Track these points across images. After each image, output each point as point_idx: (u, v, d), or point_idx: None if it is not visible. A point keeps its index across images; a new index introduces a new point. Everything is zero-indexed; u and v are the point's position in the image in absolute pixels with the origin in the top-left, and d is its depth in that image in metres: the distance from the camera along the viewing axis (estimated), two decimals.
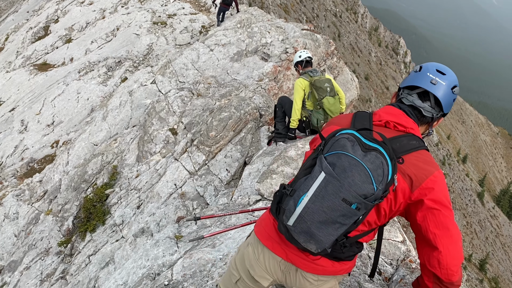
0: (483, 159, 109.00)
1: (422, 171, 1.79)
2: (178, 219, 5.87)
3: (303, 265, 1.90)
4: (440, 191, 1.79)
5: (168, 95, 10.05)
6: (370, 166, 1.64)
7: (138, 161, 8.85)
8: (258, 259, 2.00)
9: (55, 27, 20.29)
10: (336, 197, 1.63)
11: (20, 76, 16.49)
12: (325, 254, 1.83)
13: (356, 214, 1.64)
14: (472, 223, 70.88)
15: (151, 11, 18.34)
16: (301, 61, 6.25)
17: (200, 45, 12.11)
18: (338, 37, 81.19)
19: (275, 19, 13.53)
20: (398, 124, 1.91)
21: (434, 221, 1.78)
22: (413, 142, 1.86)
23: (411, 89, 2.03)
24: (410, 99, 2.01)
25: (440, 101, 1.97)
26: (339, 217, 1.64)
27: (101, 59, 15.40)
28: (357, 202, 1.61)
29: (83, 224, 7.88)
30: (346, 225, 1.66)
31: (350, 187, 1.61)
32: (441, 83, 1.96)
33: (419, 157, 1.83)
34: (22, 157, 11.81)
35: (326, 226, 1.66)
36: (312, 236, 1.69)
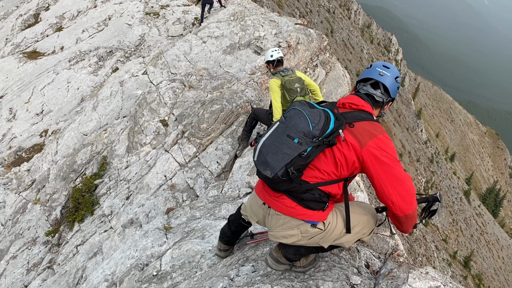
0: (471, 158, 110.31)
1: (368, 134, 2.34)
2: (168, 210, 5.86)
3: (272, 204, 2.47)
4: (385, 148, 2.31)
5: (160, 86, 9.98)
6: (308, 113, 2.32)
7: (128, 152, 8.79)
8: (251, 205, 2.76)
9: (46, 15, 19.99)
10: (283, 134, 2.28)
11: (9, 64, 16.24)
12: (287, 193, 2.38)
13: (298, 148, 2.22)
14: (458, 220, 71.82)
15: (143, 1, 18.16)
16: (272, 60, 6.33)
17: (192, 36, 12.03)
18: (331, 33, 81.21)
19: (268, 13, 13.48)
20: (352, 104, 2.52)
21: (382, 172, 2.26)
22: (363, 115, 2.45)
23: (365, 81, 2.68)
24: (365, 89, 2.64)
25: (388, 88, 2.63)
26: (285, 148, 2.24)
27: (92, 48, 15.23)
28: (298, 137, 2.24)
29: (71, 214, 7.83)
30: (291, 155, 2.22)
31: (292, 127, 2.28)
32: (387, 74, 2.62)
33: (368, 124, 2.39)
34: (10, 146, 11.66)
35: (276, 156, 2.25)
36: (267, 164, 2.27)
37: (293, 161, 2.22)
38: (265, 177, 2.35)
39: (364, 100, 2.55)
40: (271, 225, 2.52)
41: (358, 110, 2.49)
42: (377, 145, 2.30)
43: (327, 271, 2.70)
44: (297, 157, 2.22)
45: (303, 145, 2.22)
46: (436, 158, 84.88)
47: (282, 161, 2.22)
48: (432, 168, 79.60)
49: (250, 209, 2.78)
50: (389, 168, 2.26)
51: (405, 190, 2.26)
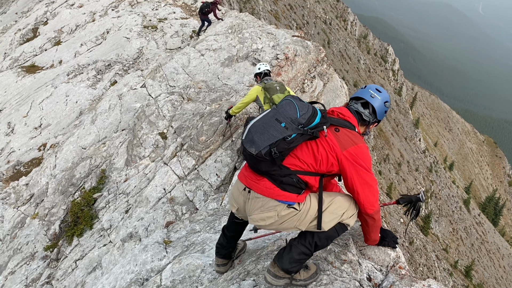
0: (469, 167, 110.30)
1: (350, 141, 2.64)
2: (167, 224, 5.83)
3: (253, 186, 2.62)
4: (361, 156, 2.61)
5: (158, 99, 10.01)
6: (297, 103, 2.58)
7: (127, 165, 8.78)
8: (232, 192, 2.87)
9: (44, 29, 20.10)
10: (272, 118, 2.53)
11: (8, 78, 16.28)
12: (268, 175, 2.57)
13: (284, 131, 2.46)
14: (458, 229, 71.56)
15: (141, 15, 18.28)
16: (259, 73, 7.01)
17: (191, 49, 12.10)
18: (328, 44, 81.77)
19: (266, 25, 13.58)
20: (340, 113, 2.82)
21: (355, 174, 2.59)
22: (347, 124, 2.75)
23: (357, 99, 2.98)
24: (355, 106, 2.94)
25: (376, 109, 2.91)
26: (272, 130, 2.47)
27: (90, 62, 15.29)
28: (285, 122, 2.48)
29: (70, 228, 7.78)
30: (276, 137, 2.44)
31: (281, 112, 2.54)
32: (378, 97, 2.92)
33: (351, 133, 2.70)
34: (8, 160, 11.63)
35: (262, 136, 2.47)
36: (253, 142, 2.47)
37: (277, 142, 2.44)
38: (250, 155, 2.51)
39: (352, 114, 2.85)
40: (250, 208, 2.66)
41: (344, 119, 2.78)
42: (356, 151, 2.60)
43: (329, 285, 2.68)
44: (282, 140, 2.45)
45: (289, 130, 2.47)
46: (435, 167, 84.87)
47: (267, 141, 2.44)
48: (431, 177, 79.54)
49: (231, 197, 2.90)
50: (362, 173, 2.60)
51: (371, 192, 2.63)
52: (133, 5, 20.06)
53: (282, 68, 10.55)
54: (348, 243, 2.83)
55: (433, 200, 72.58)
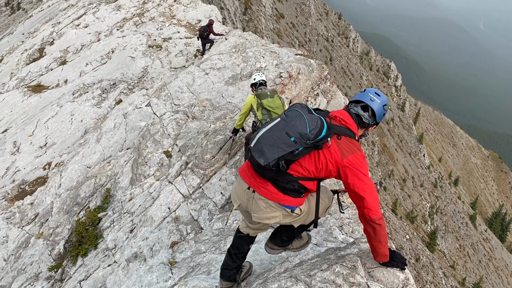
0: (475, 182, 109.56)
1: (350, 149, 2.78)
2: (172, 244, 5.81)
3: (258, 189, 2.83)
4: (360, 164, 2.76)
5: (163, 118, 10.06)
6: (308, 118, 2.71)
7: (132, 184, 8.78)
8: (235, 189, 3.06)
9: (50, 49, 20.38)
10: (282, 131, 2.67)
11: (14, 98, 16.45)
12: (272, 181, 2.78)
13: (293, 145, 2.62)
14: (465, 246, 70.69)
15: (146, 34, 18.53)
16: (255, 83, 7.14)
17: (195, 68, 12.21)
18: (330, 61, 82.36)
19: (269, 44, 13.72)
20: (342, 120, 2.93)
21: (358, 181, 2.71)
22: (348, 132, 2.88)
23: (357, 103, 3.08)
24: (355, 109, 3.04)
25: (375, 112, 3.01)
26: (282, 144, 2.63)
27: (95, 81, 15.45)
28: (295, 137, 2.63)
29: (74, 248, 7.75)
30: (285, 151, 2.61)
31: (292, 126, 2.67)
32: (377, 101, 3.02)
33: (351, 141, 2.84)
34: (14, 179, 11.67)
35: (272, 148, 2.63)
36: (262, 153, 2.65)
37: (285, 155, 2.62)
38: (257, 163, 2.72)
39: (352, 119, 2.97)
40: (254, 208, 2.90)
41: (345, 126, 2.91)
42: (355, 160, 2.76)
43: None
44: (289, 153, 2.63)
45: (297, 144, 2.63)
46: (440, 183, 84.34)
47: (276, 154, 2.62)
48: (436, 193, 79.00)
49: (234, 193, 3.09)
50: (364, 179, 2.73)
51: (375, 197, 2.74)
52: (138, 25, 20.35)
53: (286, 86, 10.62)
54: (356, 265, 2.81)
55: (438, 216, 71.95)
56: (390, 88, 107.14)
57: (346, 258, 2.98)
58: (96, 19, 21.93)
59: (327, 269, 2.84)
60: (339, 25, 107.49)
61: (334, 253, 3.33)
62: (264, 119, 6.71)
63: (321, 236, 4.48)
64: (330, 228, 4.67)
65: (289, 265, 3.33)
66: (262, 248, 4.35)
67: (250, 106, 6.97)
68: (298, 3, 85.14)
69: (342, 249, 3.42)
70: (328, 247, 4.05)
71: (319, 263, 3.08)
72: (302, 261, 3.33)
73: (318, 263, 3.13)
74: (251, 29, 54.10)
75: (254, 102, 6.85)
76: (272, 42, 16.50)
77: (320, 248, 3.98)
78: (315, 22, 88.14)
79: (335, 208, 4.85)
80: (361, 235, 4.57)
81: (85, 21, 22.08)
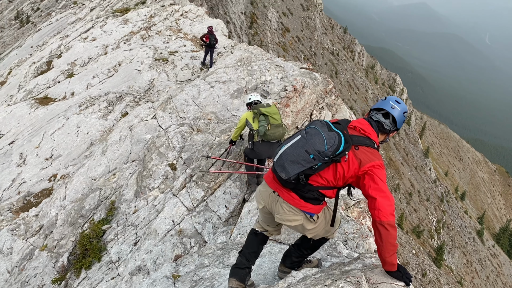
0: (482, 197, 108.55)
1: (368, 158, 2.95)
2: (176, 258, 5.78)
3: (282, 194, 3.14)
4: (378, 172, 2.91)
5: (168, 131, 10.11)
6: (326, 136, 2.92)
7: (136, 197, 8.79)
8: (260, 192, 3.37)
9: (58, 62, 20.62)
10: (302, 148, 2.92)
11: (21, 110, 16.61)
12: (294, 190, 3.07)
13: (312, 162, 2.87)
14: (473, 261, 69.77)
15: (153, 48, 18.71)
16: (250, 102, 7.54)
17: (201, 81, 12.29)
18: (335, 74, 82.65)
19: (274, 58, 13.80)
20: (361, 129, 3.12)
21: (373, 183, 2.88)
22: (367, 142, 3.04)
23: (378, 110, 3.29)
24: (377, 117, 3.25)
25: (396, 119, 3.23)
26: (302, 160, 2.89)
27: (102, 93, 15.57)
28: (313, 154, 2.87)
29: (78, 260, 7.73)
30: (305, 167, 2.88)
31: (311, 144, 2.90)
32: (397, 108, 3.23)
33: (369, 150, 3.01)
34: (19, 191, 11.71)
35: (293, 164, 2.91)
36: (284, 168, 2.95)
37: (305, 170, 2.89)
38: (279, 176, 3.02)
39: (372, 128, 3.17)
40: (278, 209, 3.19)
41: (365, 136, 3.09)
42: (373, 167, 2.92)
43: None
44: (308, 169, 2.90)
45: (316, 161, 2.88)
46: (446, 197, 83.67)
47: (297, 169, 2.90)
48: (443, 207, 78.33)
49: (259, 195, 3.39)
50: (379, 182, 2.88)
51: (388, 200, 2.83)
52: (144, 38, 20.57)
53: (291, 99, 10.65)
54: (360, 281, 2.78)
55: (445, 230, 71.24)
56: None
57: (350, 274, 2.95)
58: (104, 32, 22.21)
59: (331, 284, 2.82)
60: (345, 39, 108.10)
61: (338, 268, 3.30)
62: (262, 125, 6.99)
63: (325, 251, 4.44)
64: (334, 242, 4.64)
65: (293, 280, 3.30)
66: (266, 262, 4.33)
67: (245, 121, 7.24)
68: (304, 17, 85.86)
69: (346, 264, 3.39)
70: (332, 262, 4.02)
71: (323, 278, 3.05)
72: (306, 276, 3.30)
73: (322, 278, 3.10)
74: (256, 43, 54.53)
75: (250, 116, 7.17)
76: (278, 56, 16.60)
77: (324, 263, 3.94)
78: (320, 36, 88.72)
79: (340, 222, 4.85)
80: (365, 250, 4.53)
81: (92, 34, 22.36)
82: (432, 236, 66.38)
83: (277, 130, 7.01)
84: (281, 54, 58.55)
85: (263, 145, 7.18)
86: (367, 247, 4.50)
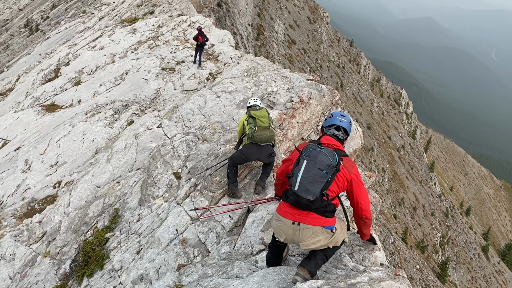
0: (487, 212, 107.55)
1: (351, 165, 3.82)
2: (179, 267, 5.73)
3: (302, 219, 3.58)
4: (358, 175, 3.84)
5: (174, 139, 10.11)
6: (326, 152, 3.56)
7: (140, 205, 8.76)
8: (279, 226, 3.76)
9: (66, 69, 20.80)
10: (315, 168, 3.48)
11: (28, 116, 16.71)
12: (314, 210, 3.56)
13: (326, 176, 3.47)
14: (477, 278, 68.86)
15: (160, 57, 18.84)
16: (249, 106, 7.75)
17: (207, 91, 12.33)
18: (341, 87, 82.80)
19: (280, 69, 13.84)
20: (333, 145, 3.87)
21: (359, 190, 3.83)
22: (343, 152, 3.86)
23: (330, 126, 4.14)
24: (331, 132, 4.10)
25: (346, 129, 4.11)
26: (319, 178, 3.45)
27: (108, 101, 15.65)
28: (325, 169, 3.47)
29: (80, 268, 7.69)
30: (323, 182, 3.45)
31: (319, 163, 3.49)
32: (345, 120, 4.13)
33: (349, 159, 3.86)
34: (23, 197, 11.72)
35: (314, 183, 3.43)
36: (309, 191, 3.43)
37: (324, 185, 3.44)
38: (304, 202, 3.49)
39: (338, 142, 3.98)
40: (302, 237, 3.62)
41: (338, 149, 3.86)
42: (355, 172, 3.81)
43: None
44: (326, 183, 3.46)
45: (328, 174, 3.48)
46: (451, 212, 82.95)
47: (319, 187, 3.44)
48: (448, 223, 77.63)
49: (278, 230, 3.79)
50: (362, 188, 3.85)
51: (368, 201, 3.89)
52: (152, 48, 20.73)
53: (297, 110, 10.65)
54: None
55: (450, 246, 70.50)
56: (401, 115, 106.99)
57: (357, 287, 2.91)
58: (112, 41, 22.41)
59: None
60: (351, 52, 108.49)
61: (344, 281, 3.26)
62: (250, 127, 7.18)
63: (331, 263, 4.39)
64: (340, 255, 4.58)
65: None
66: (270, 273, 4.27)
67: (242, 125, 7.52)
68: (310, 30, 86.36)
69: (352, 277, 3.35)
70: (337, 274, 3.96)
71: None
72: None
73: None
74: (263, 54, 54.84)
75: (244, 119, 7.46)
76: (284, 67, 16.67)
77: (330, 275, 3.89)
78: (326, 49, 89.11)
79: None
80: (371, 263, 4.47)
81: (100, 43, 22.57)
82: (436, 251, 65.68)
83: (263, 133, 7.12)
84: (287, 66, 58.80)
85: (251, 147, 7.30)
86: (373, 260, 4.44)
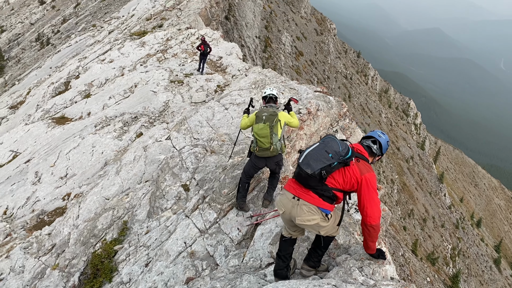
0: (498, 224, 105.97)
1: (366, 169, 3.94)
2: (187, 280, 5.71)
3: (302, 196, 3.90)
4: (372, 181, 3.88)
5: (182, 151, 10.15)
6: (339, 142, 3.90)
7: (149, 217, 8.77)
8: (281, 199, 4.10)
9: (76, 82, 21.06)
10: (322, 149, 3.83)
11: (38, 129, 16.90)
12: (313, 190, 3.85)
13: (331, 160, 3.75)
14: None
15: (169, 70, 19.02)
16: (264, 96, 7.17)
17: (215, 103, 12.40)
18: (349, 98, 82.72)
19: (288, 81, 13.90)
20: (358, 149, 4.13)
21: (367, 193, 3.86)
22: (363, 157, 4.05)
23: (368, 138, 4.38)
24: (367, 142, 4.33)
25: (382, 145, 4.30)
26: (323, 158, 3.76)
27: (117, 114, 15.79)
28: (331, 153, 3.77)
29: (89, 281, 7.69)
30: (325, 163, 3.73)
31: (329, 147, 3.83)
32: (383, 137, 4.35)
33: (366, 164, 4.03)
34: (33, 209, 11.80)
35: (316, 161, 3.75)
36: (309, 165, 3.75)
37: (325, 167, 3.72)
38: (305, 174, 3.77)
39: (365, 150, 4.20)
40: (298, 212, 3.90)
41: (361, 153, 4.09)
42: (369, 177, 3.89)
43: None
44: (328, 165, 3.73)
45: (333, 159, 3.76)
46: (462, 224, 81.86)
47: (320, 165, 3.73)
48: (458, 234, 76.59)
49: (280, 203, 4.11)
50: (372, 193, 3.86)
51: (376, 208, 3.85)
52: (161, 61, 20.94)
53: (305, 122, 10.65)
54: None
55: (461, 258, 69.41)
56: (409, 126, 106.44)
57: None
58: (121, 54, 22.69)
59: None
60: (358, 63, 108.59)
61: None
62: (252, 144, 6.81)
63: (340, 277, 4.35)
64: (349, 268, 4.54)
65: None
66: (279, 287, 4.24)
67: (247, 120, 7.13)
68: (317, 41, 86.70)
69: None
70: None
71: None
72: None
73: None
74: (270, 66, 55.10)
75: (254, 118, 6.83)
76: (291, 79, 16.76)
77: None
78: (334, 60, 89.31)
79: (355, 248, 4.84)
80: (381, 277, 4.42)
81: (110, 56, 22.86)
82: (447, 263, 64.70)
83: (264, 153, 6.72)
84: (295, 77, 58.97)
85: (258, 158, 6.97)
86: (383, 274, 4.39)
